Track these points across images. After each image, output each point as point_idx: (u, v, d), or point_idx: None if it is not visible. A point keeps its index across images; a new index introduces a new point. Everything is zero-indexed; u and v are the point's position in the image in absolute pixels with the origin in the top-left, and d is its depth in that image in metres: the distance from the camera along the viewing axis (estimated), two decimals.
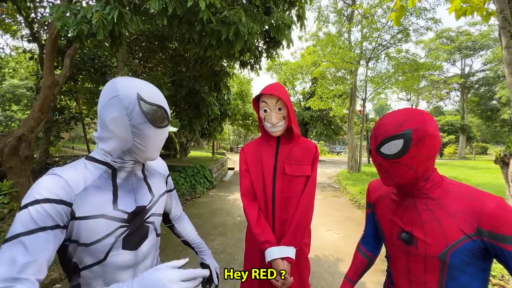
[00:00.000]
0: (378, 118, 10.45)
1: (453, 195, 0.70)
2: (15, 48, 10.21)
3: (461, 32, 21.55)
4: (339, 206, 5.63)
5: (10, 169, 3.59)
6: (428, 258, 0.69)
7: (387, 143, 0.70)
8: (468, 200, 0.67)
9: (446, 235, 0.66)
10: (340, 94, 12.47)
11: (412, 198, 0.76)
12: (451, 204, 0.68)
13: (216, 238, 3.67)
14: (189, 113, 6.95)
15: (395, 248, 0.79)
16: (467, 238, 0.64)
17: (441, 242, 0.67)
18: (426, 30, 9.69)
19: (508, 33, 2.33)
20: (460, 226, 0.65)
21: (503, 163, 2.40)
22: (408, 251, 0.74)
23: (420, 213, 0.72)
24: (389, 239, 0.81)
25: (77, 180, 0.64)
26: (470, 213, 0.65)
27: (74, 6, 2.48)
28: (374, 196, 0.92)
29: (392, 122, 0.71)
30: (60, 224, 0.59)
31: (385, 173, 0.74)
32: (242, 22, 2.76)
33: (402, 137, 0.68)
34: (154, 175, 0.84)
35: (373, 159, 0.77)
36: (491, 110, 23.05)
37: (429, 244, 0.69)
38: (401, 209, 0.78)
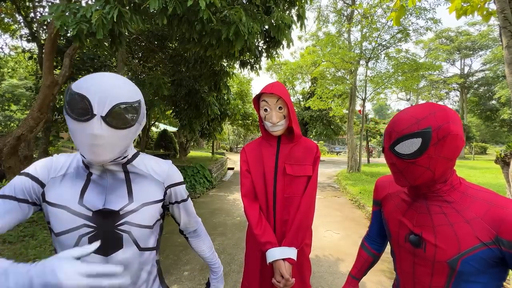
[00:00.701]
0: (378, 118, 10.54)
1: (471, 199, 0.65)
2: (14, 48, 10.17)
3: (461, 32, 21.59)
4: (339, 206, 5.63)
5: (9, 169, 3.58)
6: (437, 263, 0.66)
7: (403, 141, 0.64)
8: (487, 206, 0.62)
9: (460, 241, 0.62)
10: (340, 94, 12.47)
11: (425, 200, 0.71)
12: (468, 209, 0.64)
13: (216, 238, 3.66)
14: (188, 113, 6.94)
15: (401, 250, 0.76)
16: (483, 246, 0.60)
17: (453, 248, 0.63)
18: (426, 30, 9.70)
19: (508, 33, 2.33)
20: (476, 233, 0.61)
21: (504, 163, 2.40)
22: (415, 254, 0.71)
23: (433, 216, 0.68)
24: (396, 240, 0.78)
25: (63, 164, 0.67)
26: (489, 219, 0.60)
27: (74, 5, 2.47)
28: (382, 194, 0.88)
29: (411, 118, 0.65)
30: (29, 200, 0.62)
31: (399, 174, 0.69)
32: (242, 22, 2.76)
33: (421, 135, 0.62)
34: (144, 180, 0.74)
35: (386, 158, 0.71)
36: (490, 110, 23.09)
37: (439, 248, 0.65)
38: (411, 210, 0.74)
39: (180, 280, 2.58)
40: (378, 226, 0.96)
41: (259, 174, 1.18)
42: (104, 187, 0.68)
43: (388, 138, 0.68)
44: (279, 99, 1.11)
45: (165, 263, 2.92)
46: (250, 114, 13.48)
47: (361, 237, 3.71)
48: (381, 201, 0.88)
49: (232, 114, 9.92)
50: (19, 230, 3.28)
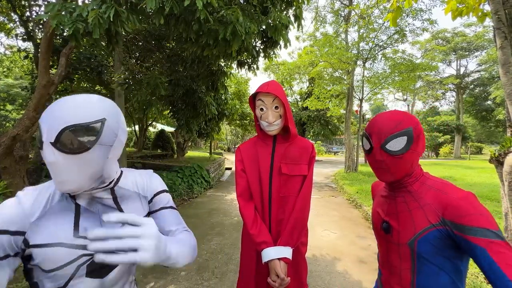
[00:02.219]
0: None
1: (427, 188, 0.75)
2: (9, 47, 10.08)
3: (457, 33, 21.76)
4: (336, 205, 5.65)
5: (5, 169, 3.55)
6: (401, 246, 0.76)
7: (392, 140, 0.74)
8: (437, 193, 0.72)
9: (415, 224, 0.72)
10: (337, 94, 12.51)
11: (393, 191, 0.82)
12: (423, 197, 0.74)
13: (213, 238, 3.66)
14: (186, 112, 6.92)
15: (379, 238, 0.87)
16: (432, 227, 0.69)
17: (410, 231, 0.73)
18: (422, 31, 9.76)
19: (502, 34, 2.35)
20: (427, 216, 0.71)
21: (498, 162, 2.42)
22: (387, 240, 0.81)
23: (398, 204, 0.79)
24: (376, 230, 0.88)
25: (39, 203, 0.61)
26: (436, 204, 0.70)
27: (70, 5, 2.45)
28: (374, 194, 1.01)
29: (393, 121, 0.76)
30: (11, 254, 0.57)
31: (385, 170, 0.77)
32: (240, 22, 2.76)
33: (405, 134, 0.73)
34: (131, 198, 0.72)
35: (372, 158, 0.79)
36: (486, 110, 23.31)
37: (401, 232, 0.76)
38: (384, 201, 0.86)
39: (177, 280, 2.57)
40: None
41: (255, 173, 1.18)
42: (96, 213, 0.66)
43: (377, 139, 0.77)
44: (275, 98, 1.10)
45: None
46: (247, 114, 13.48)
47: (358, 237, 3.74)
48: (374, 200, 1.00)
49: (229, 114, 9.92)
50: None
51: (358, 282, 2.58)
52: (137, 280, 2.65)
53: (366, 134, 0.81)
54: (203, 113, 6.95)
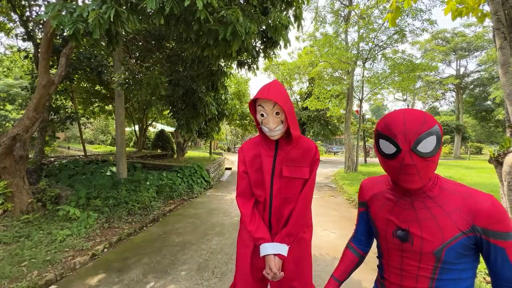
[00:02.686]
0: (375, 118, 10.54)
1: (449, 193, 0.71)
2: (9, 47, 10.08)
3: (456, 33, 21.75)
4: (336, 205, 5.66)
5: (4, 169, 3.55)
6: (424, 254, 0.71)
7: (423, 140, 0.66)
8: (463, 198, 0.69)
9: (443, 232, 0.68)
10: (337, 94, 12.51)
11: (409, 197, 0.76)
12: (447, 202, 0.70)
13: (213, 238, 3.66)
14: (186, 112, 6.93)
15: (389, 245, 0.80)
16: (462, 234, 0.67)
17: (437, 239, 0.69)
18: (422, 31, 9.76)
19: (502, 34, 2.36)
20: (456, 223, 0.68)
21: (497, 162, 2.43)
22: (403, 248, 0.76)
23: (417, 211, 0.74)
24: (384, 237, 0.82)
25: None
26: (466, 210, 0.67)
27: (70, 5, 2.46)
28: (367, 195, 0.92)
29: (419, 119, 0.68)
30: None
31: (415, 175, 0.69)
32: (240, 22, 2.76)
33: (434, 133, 0.67)
34: None
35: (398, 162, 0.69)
36: (485, 111, 23.30)
37: (425, 240, 0.71)
38: (397, 207, 0.78)
39: (177, 280, 2.57)
40: (364, 226, 0.98)
41: (256, 175, 1.18)
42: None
43: (406, 140, 0.67)
44: (276, 104, 1.06)
45: (162, 263, 2.91)
46: (247, 114, 13.50)
47: None
48: (367, 202, 0.92)
49: (229, 114, 9.92)
50: (15, 231, 3.26)
51: (357, 281, 2.59)
52: (137, 279, 2.65)
53: (386, 135, 0.71)
54: (203, 113, 6.96)
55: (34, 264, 2.63)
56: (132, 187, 5.03)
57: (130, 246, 3.39)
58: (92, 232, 3.55)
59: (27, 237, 3.18)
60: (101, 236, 3.53)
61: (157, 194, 5.40)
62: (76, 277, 2.62)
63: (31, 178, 4.54)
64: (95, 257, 3.06)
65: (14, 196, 3.65)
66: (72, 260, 2.84)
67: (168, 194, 5.77)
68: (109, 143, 23.16)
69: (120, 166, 5.68)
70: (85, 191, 4.30)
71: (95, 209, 4.06)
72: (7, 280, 2.37)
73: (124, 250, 3.26)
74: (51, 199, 4.12)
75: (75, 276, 2.65)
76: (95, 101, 10.69)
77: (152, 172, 6.46)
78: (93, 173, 5.75)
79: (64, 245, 3.08)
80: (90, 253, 3.02)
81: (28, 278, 2.44)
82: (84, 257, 2.93)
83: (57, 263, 2.75)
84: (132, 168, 6.82)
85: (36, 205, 3.88)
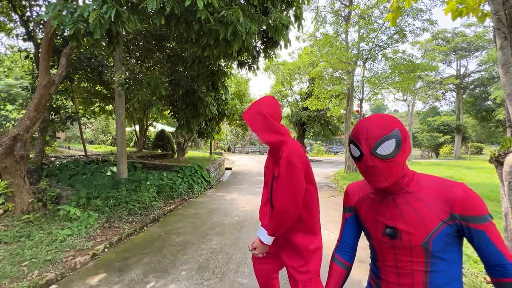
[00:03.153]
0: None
1: (426, 186, 0.76)
2: (10, 47, 10.09)
3: (457, 33, 21.72)
4: (336, 205, 5.66)
5: (5, 169, 3.55)
6: (413, 248, 0.75)
7: (382, 143, 0.73)
8: (438, 189, 0.74)
9: (426, 223, 0.72)
10: (338, 95, 12.50)
11: (391, 195, 0.81)
12: (426, 195, 0.75)
13: (213, 238, 3.66)
14: (186, 113, 6.93)
15: (382, 245, 0.83)
16: (444, 223, 0.71)
17: (422, 231, 0.73)
18: (422, 31, 9.75)
19: (502, 34, 2.36)
20: (436, 214, 0.72)
21: (498, 162, 2.43)
22: (394, 245, 0.79)
23: (400, 207, 0.77)
24: (375, 237, 0.85)
25: None
26: (442, 201, 0.72)
27: (71, 5, 2.46)
28: (354, 199, 0.94)
29: (379, 124, 0.75)
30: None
31: (379, 175, 0.75)
32: (240, 22, 2.76)
33: (393, 136, 0.73)
34: None
35: (363, 164, 0.76)
36: (486, 111, 23.27)
37: (412, 234, 0.74)
38: (382, 206, 0.82)
39: (177, 280, 2.58)
40: (350, 233, 0.98)
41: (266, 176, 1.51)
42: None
43: (366, 144, 0.75)
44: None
45: (162, 263, 2.92)
46: None
47: None
48: (355, 206, 0.94)
49: (230, 114, 9.92)
50: (15, 231, 3.26)
51: (358, 281, 2.59)
52: (137, 279, 2.65)
53: (353, 140, 0.79)
54: (203, 113, 6.96)
55: (35, 264, 2.64)
56: (133, 187, 5.04)
57: (131, 246, 3.39)
58: (92, 232, 3.55)
59: (28, 237, 3.18)
60: (102, 236, 3.53)
61: (157, 194, 5.41)
62: (76, 277, 2.62)
63: (32, 178, 4.55)
64: (95, 257, 3.06)
65: (14, 196, 3.65)
66: (73, 260, 2.84)
67: (169, 194, 5.78)
68: (110, 143, 23.18)
69: (121, 166, 5.69)
70: (85, 191, 4.31)
71: (96, 209, 4.07)
72: (8, 280, 2.37)
73: (125, 250, 3.26)
74: (52, 199, 4.12)
75: (75, 276, 2.65)
76: (95, 101, 10.70)
77: (152, 172, 6.46)
78: (93, 173, 5.75)
79: (65, 245, 3.08)
80: (90, 253, 3.02)
81: (29, 277, 2.45)
82: (84, 257, 2.93)
83: (57, 262, 2.76)
84: (133, 168, 6.82)
85: (36, 205, 3.88)
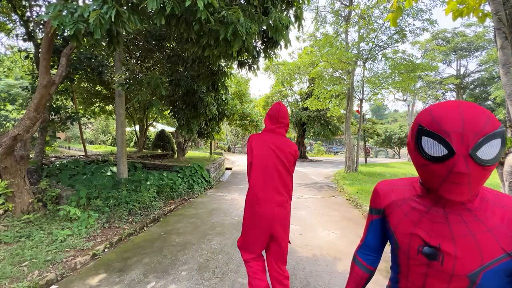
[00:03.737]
0: (375, 118, 10.46)
1: (492, 205, 0.59)
2: (10, 47, 10.09)
3: (457, 33, 21.73)
4: (336, 205, 5.66)
5: (5, 169, 3.55)
6: (455, 276, 0.60)
7: (486, 144, 0.53)
8: (509, 211, 0.57)
9: (482, 252, 0.57)
10: (338, 94, 12.51)
11: (442, 208, 0.64)
12: (490, 217, 0.58)
13: (214, 238, 3.66)
14: (186, 113, 6.93)
15: (411, 261, 0.68)
16: (507, 256, 0.55)
17: (475, 260, 0.57)
18: (422, 31, 9.75)
19: (503, 34, 2.36)
20: (499, 242, 0.56)
21: (498, 162, 2.42)
22: (430, 266, 0.64)
23: (452, 226, 0.61)
24: (405, 252, 0.69)
25: None
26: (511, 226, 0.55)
27: (71, 5, 2.46)
28: (385, 201, 0.77)
29: (480, 116, 0.54)
30: None
31: (465, 185, 0.56)
32: (240, 22, 2.76)
33: (499, 136, 0.53)
34: None
35: (447, 169, 0.56)
36: None
37: (460, 260, 0.59)
38: (426, 219, 0.66)
39: (178, 280, 2.58)
40: (376, 238, 0.85)
41: None
42: None
43: (462, 142, 0.54)
44: None
45: (163, 263, 2.91)
46: (248, 114, 13.48)
47: (358, 237, 3.73)
48: (384, 210, 0.78)
49: (230, 114, 9.92)
50: (15, 231, 3.26)
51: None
52: (138, 279, 2.64)
53: (435, 133, 0.57)
54: (203, 113, 6.96)
55: (35, 264, 2.63)
56: (133, 187, 5.03)
57: (131, 246, 3.39)
58: (92, 232, 3.55)
59: (28, 237, 3.18)
60: (102, 236, 3.53)
61: (157, 194, 5.41)
62: (77, 277, 2.62)
63: (32, 178, 4.55)
64: (95, 257, 3.06)
65: (15, 196, 3.65)
66: (73, 260, 2.84)
67: (169, 194, 5.78)
68: (110, 143, 23.19)
69: (121, 166, 5.69)
70: (85, 191, 4.31)
71: (96, 209, 4.07)
72: (8, 280, 2.37)
73: (125, 250, 3.26)
74: (52, 199, 4.12)
75: (76, 276, 2.65)
76: (95, 101, 10.70)
77: (152, 172, 6.46)
78: (93, 173, 5.75)
79: (65, 245, 3.08)
80: (90, 253, 3.02)
81: (29, 278, 2.45)
82: (84, 257, 2.93)
83: (57, 263, 2.76)
84: (133, 168, 6.82)
85: (36, 205, 3.88)
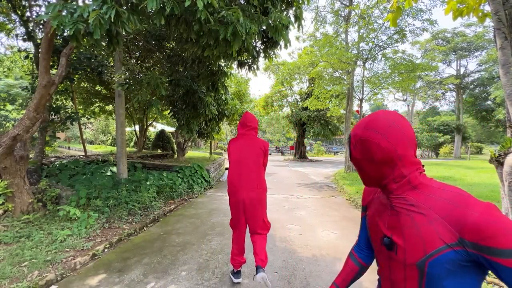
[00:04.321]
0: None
1: (435, 200, 0.63)
2: (10, 47, 10.08)
3: (457, 33, 21.73)
4: (336, 205, 5.66)
5: (5, 169, 3.55)
6: (407, 266, 0.65)
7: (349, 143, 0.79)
8: (451, 206, 0.60)
9: (425, 243, 0.61)
10: (337, 95, 12.51)
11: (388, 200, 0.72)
12: (432, 210, 0.62)
13: (213, 238, 3.66)
14: (186, 113, 6.93)
15: (379, 254, 0.76)
16: (448, 247, 0.58)
17: (419, 250, 0.62)
18: (422, 31, 9.76)
19: (502, 34, 2.36)
20: (440, 234, 0.59)
21: (498, 162, 2.43)
22: (390, 257, 0.70)
23: (400, 217, 0.68)
24: (375, 244, 0.78)
25: None
26: (451, 221, 0.58)
27: (71, 5, 2.46)
28: (367, 199, 0.88)
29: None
30: None
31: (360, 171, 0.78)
32: (240, 22, 2.76)
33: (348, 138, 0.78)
34: None
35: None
36: (486, 111, 23.28)
37: (408, 251, 0.64)
38: (385, 212, 0.73)
39: (177, 280, 2.58)
40: (364, 233, 0.95)
41: None
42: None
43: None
44: None
45: (162, 263, 2.91)
46: None
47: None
48: (366, 207, 0.88)
49: (230, 114, 9.92)
50: (15, 231, 3.26)
51: (358, 281, 2.58)
52: (137, 279, 2.64)
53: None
54: (203, 113, 6.96)
55: (35, 264, 2.63)
56: (133, 187, 5.03)
57: (131, 246, 3.39)
58: (92, 232, 3.55)
59: (28, 237, 3.18)
60: (102, 236, 3.53)
61: (157, 194, 5.40)
62: (76, 277, 2.62)
63: (32, 178, 4.55)
64: (95, 257, 3.06)
65: (14, 196, 3.65)
66: (73, 260, 2.84)
67: (169, 194, 5.78)
68: (110, 143, 23.19)
69: (121, 166, 5.69)
70: (85, 191, 4.30)
71: (96, 209, 4.07)
72: (8, 280, 2.37)
73: (125, 250, 3.26)
74: (52, 199, 4.12)
75: (75, 276, 2.65)
76: (95, 101, 10.69)
77: (152, 172, 6.46)
78: (93, 173, 5.75)
79: (65, 245, 3.08)
80: (90, 253, 3.02)
81: (29, 278, 2.45)
82: (84, 257, 2.93)
83: (57, 263, 2.76)
84: (133, 168, 6.82)
85: (36, 205, 3.88)
